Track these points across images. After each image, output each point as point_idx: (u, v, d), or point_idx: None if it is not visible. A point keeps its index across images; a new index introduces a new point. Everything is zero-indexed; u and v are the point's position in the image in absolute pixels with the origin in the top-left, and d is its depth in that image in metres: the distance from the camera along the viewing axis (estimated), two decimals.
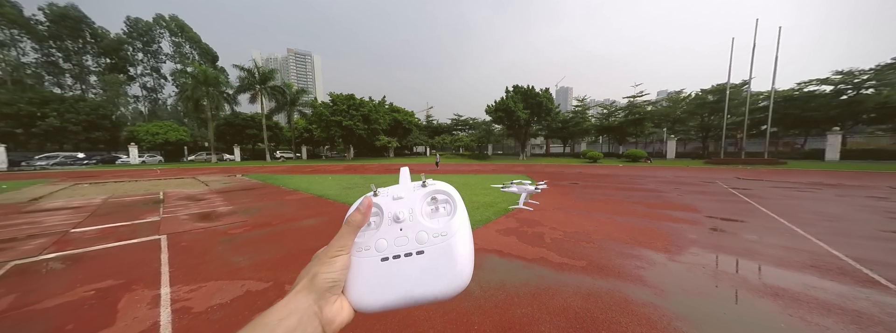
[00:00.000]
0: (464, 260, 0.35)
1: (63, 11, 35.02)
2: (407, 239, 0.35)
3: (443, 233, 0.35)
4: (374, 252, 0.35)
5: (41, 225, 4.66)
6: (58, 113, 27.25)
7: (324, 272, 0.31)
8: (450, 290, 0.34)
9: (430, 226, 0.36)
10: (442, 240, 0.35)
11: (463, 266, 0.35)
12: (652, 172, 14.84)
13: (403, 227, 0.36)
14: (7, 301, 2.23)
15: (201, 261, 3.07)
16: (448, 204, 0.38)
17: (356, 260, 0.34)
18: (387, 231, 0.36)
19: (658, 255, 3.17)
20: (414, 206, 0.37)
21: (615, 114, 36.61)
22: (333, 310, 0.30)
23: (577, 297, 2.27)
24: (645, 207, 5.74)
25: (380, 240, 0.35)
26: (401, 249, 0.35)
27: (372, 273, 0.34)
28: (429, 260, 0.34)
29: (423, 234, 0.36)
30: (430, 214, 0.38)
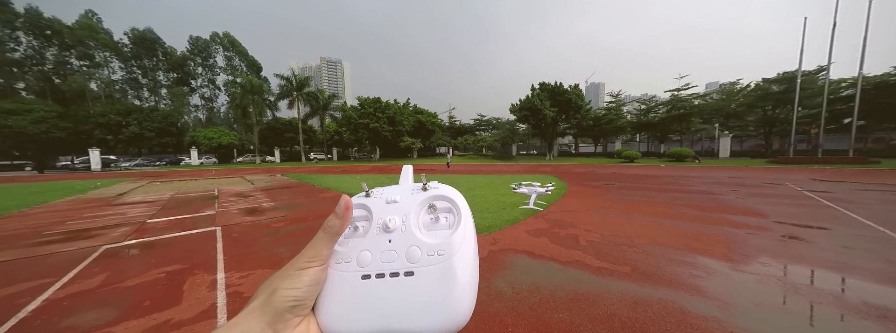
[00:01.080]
0: (464, 289, 0.27)
1: (142, 34, 41.17)
2: (395, 254, 0.28)
3: (440, 252, 0.28)
4: (355, 265, 0.28)
5: (125, 215, 5.46)
6: (138, 121, 32.03)
7: (285, 287, 0.24)
8: (441, 328, 0.26)
9: (425, 241, 0.29)
10: (438, 260, 0.27)
11: (462, 296, 0.26)
12: (702, 173, 13.30)
13: (393, 239, 0.29)
14: (100, 279, 2.62)
15: (250, 251, 3.35)
16: (451, 213, 0.31)
17: (333, 274, 0.28)
18: (373, 241, 0.29)
19: (718, 264, 2.79)
20: (409, 213, 0.30)
21: (655, 109, 33.52)
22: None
23: (623, 305, 2.07)
24: (696, 210, 5.13)
25: (364, 252, 0.28)
26: (387, 267, 0.28)
27: (350, 292, 0.27)
28: (419, 285, 0.27)
29: (416, 250, 0.28)
30: (427, 225, 0.31)
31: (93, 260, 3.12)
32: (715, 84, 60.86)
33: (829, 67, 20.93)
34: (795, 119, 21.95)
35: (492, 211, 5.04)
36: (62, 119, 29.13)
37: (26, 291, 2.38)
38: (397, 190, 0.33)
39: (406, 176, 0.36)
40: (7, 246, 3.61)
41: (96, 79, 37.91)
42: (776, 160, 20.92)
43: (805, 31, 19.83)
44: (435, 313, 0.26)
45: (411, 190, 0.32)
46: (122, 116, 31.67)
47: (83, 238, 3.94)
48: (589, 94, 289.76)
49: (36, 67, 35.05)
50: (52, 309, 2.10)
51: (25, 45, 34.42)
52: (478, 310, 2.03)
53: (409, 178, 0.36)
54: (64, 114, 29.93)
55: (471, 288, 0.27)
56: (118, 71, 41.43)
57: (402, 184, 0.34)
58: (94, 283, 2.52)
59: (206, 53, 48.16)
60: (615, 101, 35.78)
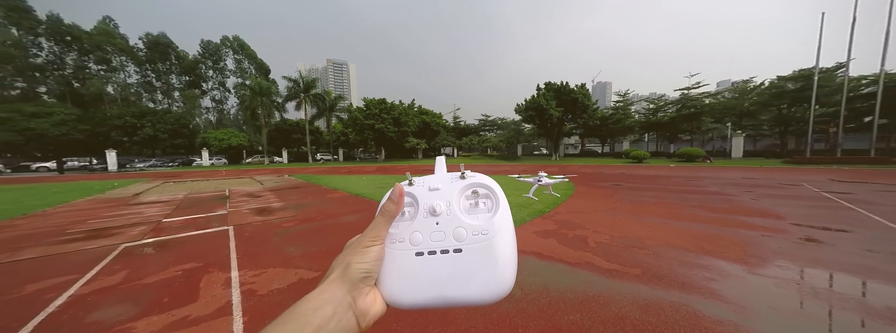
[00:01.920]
0: (506, 263, 0.31)
1: (156, 39, 42.44)
2: (444, 234, 0.33)
3: (484, 232, 0.32)
4: (409, 245, 0.32)
5: (142, 215, 5.64)
6: (152, 124, 33.01)
7: (357, 262, 0.29)
8: (489, 296, 0.31)
9: (469, 223, 0.33)
10: (482, 239, 0.32)
11: (505, 269, 0.31)
12: (713, 173, 12.98)
13: (440, 221, 0.33)
14: (121, 276, 2.72)
15: (261, 250, 3.42)
16: (489, 199, 0.34)
17: (390, 252, 0.32)
18: (422, 223, 0.33)
19: (733, 266, 2.73)
20: (451, 199, 0.34)
21: (664, 108, 32.88)
22: (367, 302, 0.29)
23: (635, 308, 2.04)
24: (708, 211, 5.02)
25: (415, 233, 0.33)
26: (437, 245, 0.32)
27: (406, 267, 0.32)
28: (467, 260, 0.31)
29: (462, 231, 0.32)
30: (468, 209, 0.35)
31: (113, 257, 3.23)
32: (727, 82, 59.39)
33: (849, 64, 20.20)
34: (812, 117, 21.25)
35: None
36: (81, 121, 30.25)
37: (53, 287, 2.49)
38: (437, 179, 0.36)
39: (440, 167, 0.38)
40: (33, 244, 3.77)
41: (113, 83, 39.22)
42: (792, 160, 20.27)
43: (823, 27, 19.17)
44: (483, 283, 0.30)
45: (450, 178, 0.36)
46: (137, 118, 32.69)
47: (104, 236, 4.09)
48: (596, 94, 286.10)
49: (57, 72, 36.49)
50: (77, 305, 2.19)
51: (47, 50, 35.88)
52: (486, 311, 2.04)
53: (443, 168, 0.38)
54: (83, 116, 31.08)
55: (512, 263, 0.31)
56: (133, 74, 42.80)
57: (438, 174, 0.37)
58: (116, 280, 2.61)
59: (216, 56, 49.31)
60: (623, 101, 35.24)
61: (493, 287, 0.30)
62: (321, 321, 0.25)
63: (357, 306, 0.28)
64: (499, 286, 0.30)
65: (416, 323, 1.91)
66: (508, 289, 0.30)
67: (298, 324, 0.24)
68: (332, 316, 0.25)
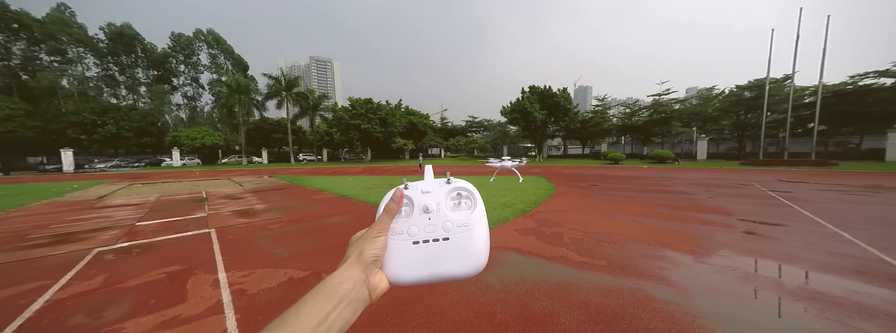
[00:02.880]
0: (482, 248, 0.41)
1: (119, 30, 39.32)
2: (435, 227, 0.41)
3: (465, 224, 0.41)
4: (407, 236, 0.40)
5: (111, 218, 5.35)
6: (114, 121, 30.54)
7: (368, 249, 0.37)
8: (470, 271, 0.40)
9: (454, 218, 0.42)
10: (465, 230, 0.41)
11: (481, 252, 0.41)
12: (680, 174, 14.06)
13: (432, 217, 0.41)
14: (99, 281, 2.66)
15: (248, 252, 3.43)
16: (469, 199, 0.43)
17: (392, 242, 0.40)
18: (417, 219, 0.41)
19: (684, 257, 3.11)
20: (440, 200, 0.42)
21: (639, 113, 34.96)
22: (376, 279, 0.36)
23: (598, 294, 2.32)
24: (671, 209, 5.54)
25: (411, 227, 0.41)
26: (430, 235, 0.40)
27: (405, 253, 0.39)
28: (453, 246, 0.40)
29: (449, 224, 0.41)
30: (453, 207, 0.43)
31: (87, 262, 3.12)
32: (695, 89, 63.94)
33: (794, 76, 22.57)
34: (765, 123, 23.51)
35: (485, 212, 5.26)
36: (30, 117, 27.43)
37: (26, 292, 2.40)
38: (428, 183, 0.44)
39: (429, 173, 0.47)
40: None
41: (68, 76, 35.85)
42: (748, 162, 22.29)
43: (772, 42, 21.36)
44: (465, 262, 0.40)
45: (438, 183, 0.44)
46: (98, 115, 30.11)
47: (72, 241, 3.89)
48: (577, 98, 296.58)
49: (1, 62, 32.87)
50: (56, 309, 2.15)
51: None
52: (469, 301, 2.24)
53: (430, 174, 0.46)
54: (32, 112, 28.18)
55: (486, 247, 0.41)
56: (93, 67, 39.34)
57: (427, 179, 0.45)
58: (95, 284, 2.56)
59: (188, 51, 46.44)
60: (601, 105, 37.04)
61: (473, 265, 0.40)
62: (345, 292, 0.33)
63: (369, 282, 0.35)
64: (477, 263, 0.40)
65: (405, 313, 2.07)
66: (484, 265, 0.41)
67: (329, 294, 0.32)
68: (353, 289, 0.33)
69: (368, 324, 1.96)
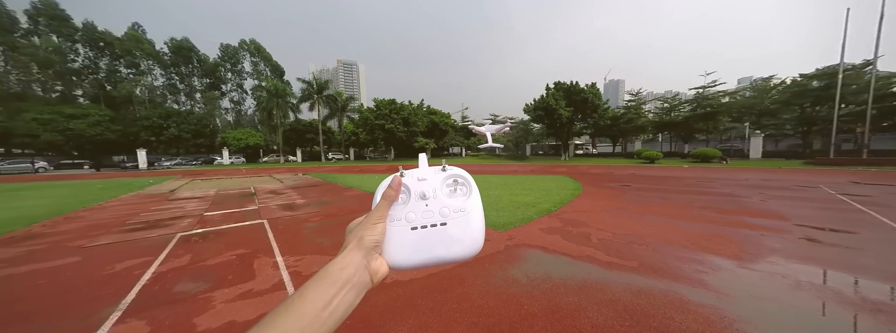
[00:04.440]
0: (478, 232, 0.42)
1: (179, 44, 44.66)
2: (432, 213, 0.41)
3: (462, 210, 0.42)
4: (405, 222, 0.41)
5: (184, 209, 6.28)
6: (176, 124, 34.88)
7: (368, 235, 0.37)
8: (467, 254, 0.41)
9: (450, 204, 0.42)
10: (461, 215, 0.42)
11: (477, 236, 0.42)
12: (728, 174, 12.78)
13: (429, 204, 0.42)
14: (187, 259, 3.22)
15: (297, 240, 3.88)
16: (465, 186, 0.44)
17: (390, 229, 0.40)
18: (415, 206, 0.42)
19: (725, 262, 2.96)
20: (436, 187, 0.43)
21: (679, 108, 32.05)
22: (376, 264, 0.37)
23: (628, 293, 2.34)
24: (714, 212, 5.16)
25: (409, 213, 0.41)
26: (427, 221, 0.41)
27: (403, 239, 0.40)
28: (451, 231, 0.41)
29: (446, 210, 0.42)
30: (449, 194, 0.44)
31: (174, 244, 3.77)
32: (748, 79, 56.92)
33: (876, 61, 19.21)
34: (837, 117, 20.32)
35: (507, 211, 5.34)
36: (114, 122, 32.31)
37: (137, 265, 3.01)
38: (423, 171, 0.45)
39: (423, 161, 0.47)
40: (104, 232, 4.39)
41: (141, 86, 41.56)
42: (815, 161, 19.49)
43: (847, 23, 18.32)
44: (462, 246, 0.41)
45: (433, 171, 0.45)
46: (163, 119, 34.61)
47: (159, 227, 4.68)
48: (607, 93, 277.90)
49: (91, 76, 39.04)
50: (161, 280, 2.69)
51: (83, 55, 38.47)
52: (496, 292, 2.38)
53: (425, 162, 0.47)
54: (115, 117, 33.17)
55: (482, 231, 0.43)
56: (159, 77, 45.21)
57: (422, 167, 0.46)
58: (184, 262, 3.11)
59: (234, 59, 51.31)
60: (635, 100, 34.53)
61: (470, 248, 0.41)
62: (347, 276, 0.33)
63: (370, 267, 0.36)
64: (473, 246, 0.41)
65: (438, 299, 2.28)
66: (480, 248, 0.42)
67: (332, 279, 0.32)
68: (355, 274, 0.34)
69: (405, 307, 2.19)
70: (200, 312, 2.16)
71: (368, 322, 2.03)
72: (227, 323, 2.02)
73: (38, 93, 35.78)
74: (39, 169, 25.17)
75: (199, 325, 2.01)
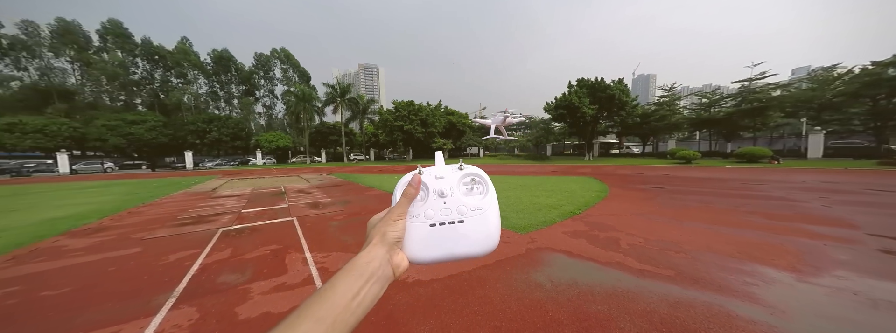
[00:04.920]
0: (494, 230, 0.43)
1: (220, 54, 48.85)
2: (450, 210, 0.43)
3: (479, 208, 0.43)
4: (423, 219, 0.42)
5: (224, 206, 6.84)
6: (217, 128, 38.17)
7: (390, 231, 0.39)
8: (484, 251, 0.43)
9: (468, 202, 0.43)
10: (478, 213, 0.43)
11: (494, 233, 0.43)
12: (781, 176, 11.46)
13: (447, 201, 0.43)
14: (228, 252, 3.51)
15: (323, 237, 4.08)
16: (481, 184, 0.45)
17: (410, 225, 0.42)
18: (433, 203, 0.43)
19: (780, 274, 2.65)
20: (454, 185, 0.44)
21: (720, 102, 29.29)
22: (398, 259, 0.39)
23: (664, 304, 2.17)
24: (764, 218, 4.65)
25: (428, 210, 0.42)
26: (445, 218, 0.42)
27: (422, 235, 0.42)
28: (468, 228, 0.42)
29: (463, 208, 0.43)
30: (466, 192, 0.44)
31: (217, 238, 4.12)
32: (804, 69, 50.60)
33: None
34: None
35: (527, 212, 5.20)
36: (166, 127, 36.08)
37: (186, 257, 3.33)
38: (440, 170, 0.46)
39: (440, 159, 0.48)
40: (159, 226, 4.91)
41: (188, 94, 46.00)
42: (888, 162, 16.86)
43: None
44: (479, 243, 0.42)
45: (451, 169, 0.46)
46: (206, 124, 38.02)
47: (204, 222, 5.14)
48: (636, 89, 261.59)
49: (148, 86, 43.93)
50: (207, 270, 2.95)
51: (141, 68, 43.44)
52: (518, 296, 2.33)
53: (441, 161, 0.48)
54: (167, 122, 37.03)
55: (498, 229, 0.44)
56: (203, 86, 49.76)
57: (439, 166, 0.47)
58: (226, 255, 3.40)
59: (267, 67, 55.09)
60: (668, 95, 32.09)
61: (486, 245, 0.42)
62: (372, 270, 0.35)
63: (393, 261, 0.38)
64: (490, 243, 0.43)
65: (459, 301, 2.27)
66: (496, 245, 0.43)
67: (359, 272, 0.34)
68: (379, 267, 0.36)
69: (426, 307, 2.21)
70: (241, 302, 2.34)
71: (393, 319, 2.07)
72: (264, 314, 2.17)
73: (106, 102, 40.97)
74: (107, 169, 28.79)
75: (240, 314, 2.18)
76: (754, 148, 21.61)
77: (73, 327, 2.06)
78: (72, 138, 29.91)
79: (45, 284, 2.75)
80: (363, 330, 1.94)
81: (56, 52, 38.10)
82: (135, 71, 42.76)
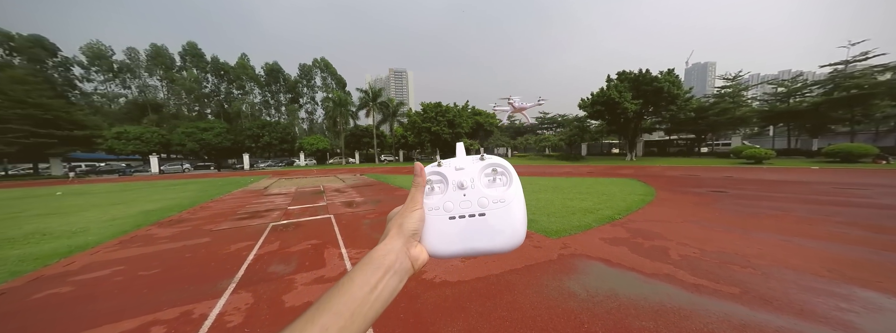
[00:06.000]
0: (519, 223, 0.40)
1: (271, 66, 54.81)
2: (470, 203, 0.41)
3: (501, 200, 0.41)
4: (443, 211, 0.40)
5: (274, 203, 7.64)
6: (269, 133, 42.82)
7: (407, 222, 0.38)
8: (507, 246, 0.40)
9: (490, 194, 0.41)
10: (501, 206, 0.40)
11: (518, 228, 0.40)
12: (891, 179, 9.27)
13: (466, 193, 0.41)
14: (277, 245, 3.92)
15: (357, 234, 4.33)
16: (504, 176, 0.42)
17: (429, 218, 0.40)
18: (452, 195, 0.41)
19: (889, 300, 2.14)
20: (474, 176, 0.42)
21: (802, 91, 24.68)
22: (416, 251, 0.38)
23: (726, 326, 1.90)
24: (864, 230, 3.81)
25: (447, 203, 0.41)
26: (465, 211, 0.40)
27: (442, 228, 0.40)
28: (490, 221, 0.40)
29: (485, 200, 0.41)
30: (487, 184, 0.42)
31: (268, 231, 4.63)
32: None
33: None
34: None
35: (559, 216, 4.93)
36: (229, 133, 41.50)
37: (244, 248, 3.80)
38: (461, 161, 0.44)
39: (461, 150, 0.47)
40: (223, 220, 5.67)
41: (246, 103, 52.40)
42: None
43: None
44: (502, 237, 0.40)
45: (471, 160, 0.44)
46: (260, 129, 42.86)
47: (258, 217, 5.81)
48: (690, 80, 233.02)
49: (216, 98, 51.00)
50: (261, 260, 3.34)
51: (210, 83, 50.62)
52: (550, 304, 2.21)
53: (462, 151, 0.46)
54: (230, 129, 42.58)
55: (523, 223, 0.41)
56: (257, 95, 56.28)
57: (459, 157, 0.45)
58: (275, 247, 3.80)
59: (309, 76, 60.33)
60: (732, 85, 27.95)
61: (510, 240, 0.40)
62: (389, 263, 0.34)
63: (411, 254, 0.37)
64: (514, 239, 0.40)
65: (487, 304, 2.24)
66: (521, 241, 0.40)
67: (376, 265, 0.34)
68: (396, 260, 0.35)
69: (454, 308, 2.22)
70: (287, 291, 2.59)
71: (420, 317, 2.12)
72: (306, 303, 2.37)
73: (184, 112, 48.51)
74: (185, 169, 34.03)
75: (286, 302, 2.41)
76: (852, 144, 17.78)
77: (160, 302, 2.47)
78: (160, 143, 35.96)
79: (141, 265, 3.34)
80: (392, 327, 2.01)
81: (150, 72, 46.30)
82: (206, 85, 49.95)
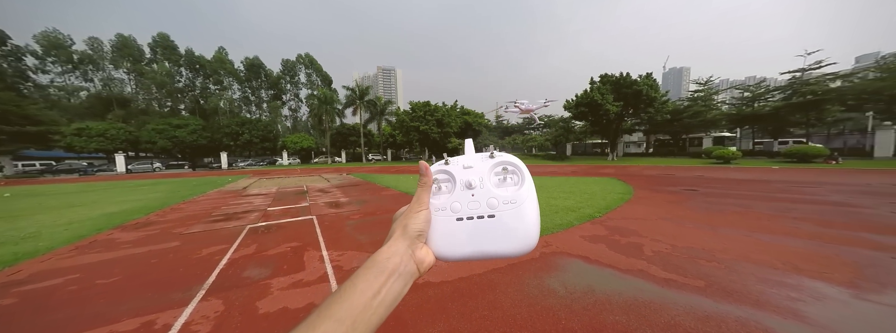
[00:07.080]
0: (532, 226, 0.38)
1: (252, 61, 52.41)
2: (479, 203, 0.38)
3: (512, 201, 0.38)
4: (450, 212, 0.39)
5: (253, 204, 7.32)
6: (248, 131, 40.94)
7: (412, 223, 0.37)
8: (519, 250, 0.37)
9: (499, 194, 0.39)
10: (512, 207, 0.38)
11: (531, 230, 0.38)
12: (840, 178, 10.16)
13: (475, 193, 0.39)
14: (253, 249, 3.75)
15: (339, 236, 4.22)
16: (516, 175, 0.40)
17: (435, 219, 0.38)
18: (460, 195, 0.39)
19: (834, 289, 2.35)
20: (483, 175, 0.40)
21: (765, 96, 26.60)
22: (422, 254, 0.36)
23: (691, 318, 2.00)
24: (816, 225, 4.15)
25: (454, 203, 0.39)
26: (473, 212, 0.38)
27: (449, 229, 0.38)
28: (500, 224, 0.38)
29: (494, 201, 0.38)
30: (497, 184, 0.40)
31: (244, 234, 4.42)
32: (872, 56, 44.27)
33: None
34: None
35: (543, 215, 5.03)
36: (205, 130, 39.30)
37: (216, 252, 3.60)
38: (469, 158, 0.42)
39: (470, 147, 0.44)
40: (195, 222, 5.36)
41: (224, 99, 49.83)
42: None
43: None
44: (513, 240, 0.38)
45: (480, 158, 0.41)
46: (239, 127, 40.88)
47: (234, 219, 5.53)
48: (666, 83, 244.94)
49: (190, 93, 48.15)
50: (234, 265, 3.17)
51: (184, 76, 47.72)
52: (530, 302, 2.25)
53: (471, 149, 0.44)
54: (206, 126, 40.33)
55: (536, 225, 0.38)
56: (236, 91, 53.65)
57: (468, 154, 0.43)
58: (251, 251, 3.63)
59: (292, 72, 58.21)
60: (704, 89, 29.68)
61: (522, 244, 0.37)
62: (394, 266, 0.33)
63: (416, 256, 0.35)
64: (526, 242, 0.37)
65: (468, 304, 2.24)
66: (534, 245, 0.38)
67: (379, 268, 0.32)
68: (401, 263, 0.34)
69: (436, 310, 2.21)
70: (261, 297, 2.48)
71: (401, 320, 2.09)
72: (282, 309, 2.28)
73: (155, 108, 45.46)
74: (156, 168, 31.92)
75: (260, 308, 2.31)
76: (807, 145, 19.36)
77: (119, 313, 2.29)
78: (127, 141, 33.49)
79: (99, 273, 3.10)
80: None
81: (116, 64, 43.01)
82: (179, 79, 47.03)
